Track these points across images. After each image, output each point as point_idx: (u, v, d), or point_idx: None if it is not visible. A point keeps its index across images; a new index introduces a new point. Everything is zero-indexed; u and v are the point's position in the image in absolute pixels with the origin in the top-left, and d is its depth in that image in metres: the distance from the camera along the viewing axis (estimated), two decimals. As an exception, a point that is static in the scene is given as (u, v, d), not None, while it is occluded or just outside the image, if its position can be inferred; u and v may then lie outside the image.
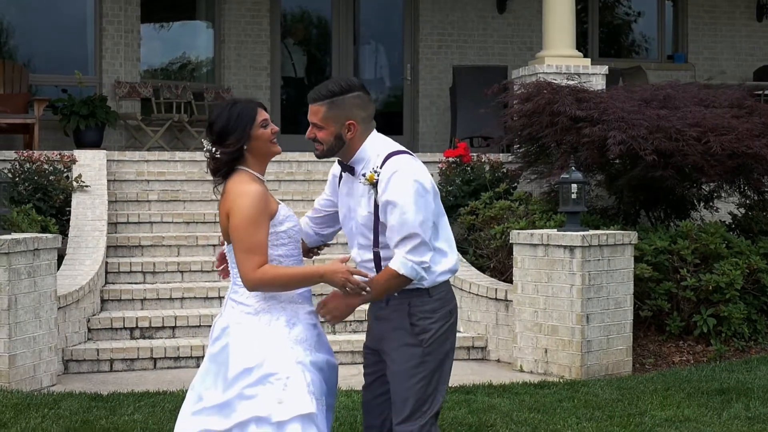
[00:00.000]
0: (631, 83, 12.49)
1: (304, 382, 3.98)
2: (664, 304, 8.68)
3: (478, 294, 8.77)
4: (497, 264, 9.40)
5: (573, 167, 8.37)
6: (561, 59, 11.00)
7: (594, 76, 10.98)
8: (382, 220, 4.10)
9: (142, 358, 8.16)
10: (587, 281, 7.95)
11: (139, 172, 10.74)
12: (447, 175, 10.77)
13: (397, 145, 4.20)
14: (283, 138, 4.15)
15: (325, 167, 10.51)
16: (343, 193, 4.28)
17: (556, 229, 8.43)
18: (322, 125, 4.12)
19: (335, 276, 4.00)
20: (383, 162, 4.10)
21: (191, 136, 13.71)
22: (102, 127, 12.85)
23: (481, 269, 9.43)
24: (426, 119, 15.25)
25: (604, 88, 10.69)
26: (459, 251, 9.41)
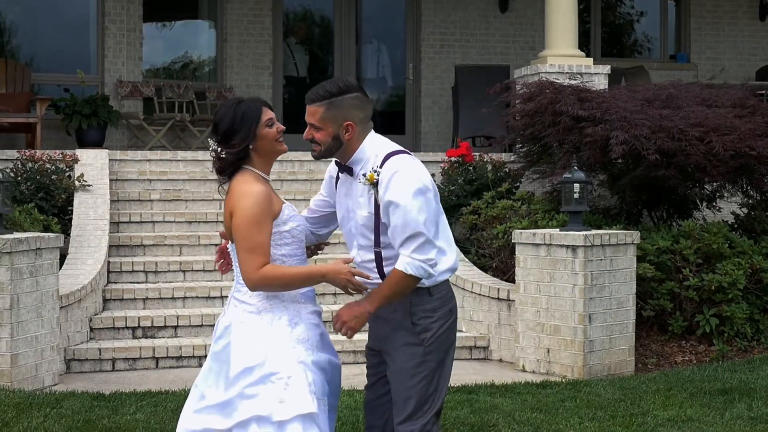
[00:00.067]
0: (634, 83, 12.47)
1: (305, 381, 3.97)
2: (666, 303, 8.67)
3: (480, 294, 8.76)
4: (499, 264, 9.39)
5: (575, 167, 8.36)
6: (563, 59, 11.00)
7: (596, 75, 10.98)
8: (383, 220, 4.09)
9: (144, 357, 8.16)
10: (590, 281, 7.95)
11: (141, 171, 10.74)
12: (449, 175, 10.75)
13: (395, 145, 4.19)
14: (285, 137, 4.14)
15: (327, 167, 10.48)
16: (341, 194, 4.27)
17: (558, 229, 8.42)
18: (319, 126, 4.11)
19: (337, 276, 3.99)
20: (383, 162, 4.08)
21: (193, 135, 13.71)
22: (104, 127, 12.85)
23: (484, 269, 9.42)
24: (428, 119, 15.23)
25: (606, 87, 10.68)
26: (461, 251, 9.43)
